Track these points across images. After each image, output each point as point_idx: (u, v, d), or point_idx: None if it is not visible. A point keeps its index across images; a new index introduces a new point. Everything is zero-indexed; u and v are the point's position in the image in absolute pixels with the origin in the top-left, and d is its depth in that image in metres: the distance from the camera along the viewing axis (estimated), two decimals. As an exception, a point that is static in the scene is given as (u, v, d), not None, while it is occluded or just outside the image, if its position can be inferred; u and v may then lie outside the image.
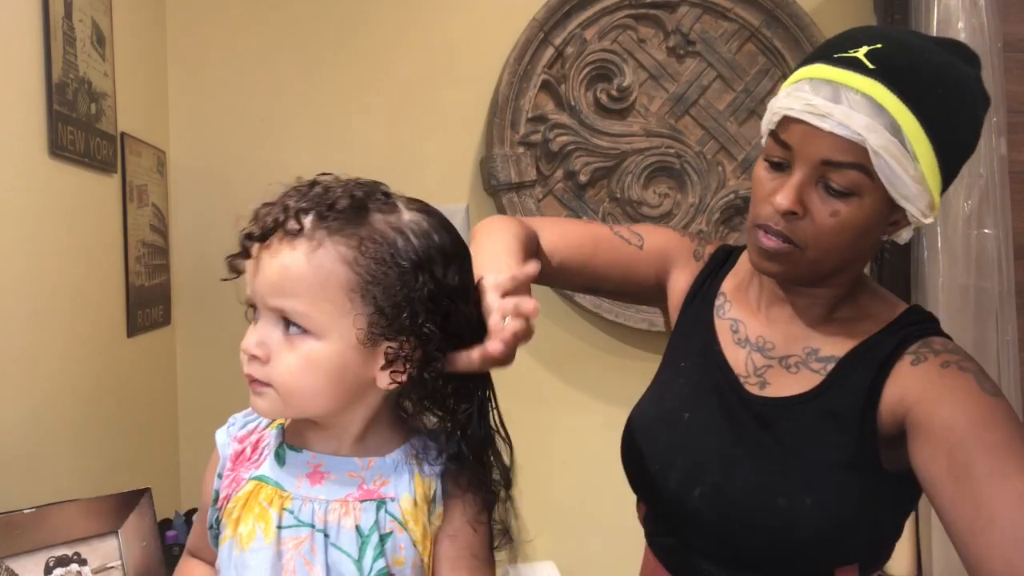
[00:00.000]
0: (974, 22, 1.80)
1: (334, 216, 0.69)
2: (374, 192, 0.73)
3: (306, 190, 0.73)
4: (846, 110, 0.79)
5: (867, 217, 0.82)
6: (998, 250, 1.81)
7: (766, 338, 0.93)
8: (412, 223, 0.72)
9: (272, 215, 0.70)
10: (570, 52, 1.89)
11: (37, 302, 1.22)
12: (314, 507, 0.73)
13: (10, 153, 1.16)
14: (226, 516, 0.75)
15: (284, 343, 0.70)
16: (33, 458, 1.19)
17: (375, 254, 0.69)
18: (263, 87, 1.88)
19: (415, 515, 0.74)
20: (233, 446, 0.79)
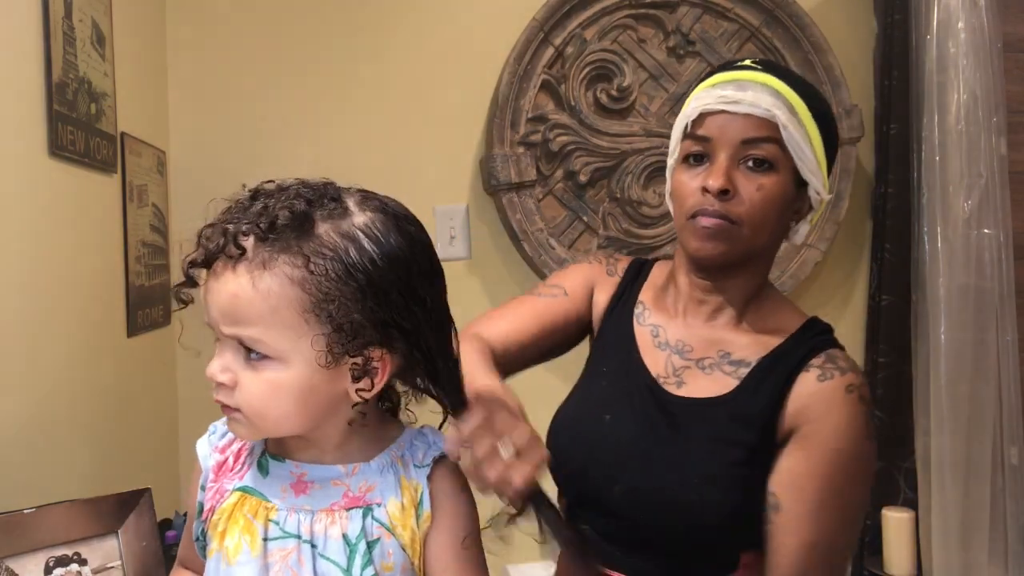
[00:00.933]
0: (974, 22, 1.80)
1: (276, 234, 0.65)
2: (320, 198, 0.69)
3: (247, 204, 0.69)
4: (753, 95, 0.93)
5: (783, 190, 0.94)
6: (998, 250, 1.81)
7: (684, 341, 1.01)
8: (364, 227, 0.68)
9: (213, 239, 0.67)
10: (570, 52, 1.89)
11: (37, 302, 1.22)
12: (300, 517, 0.72)
13: (10, 153, 1.16)
14: (211, 529, 0.74)
15: (247, 368, 0.68)
16: (33, 458, 1.19)
17: (324, 270, 0.65)
18: (263, 87, 1.88)
19: (403, 520, 0.73)
20: (215, 456, 0.78)
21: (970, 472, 1.80)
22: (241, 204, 0.69)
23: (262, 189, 0.70)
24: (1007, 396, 1.82)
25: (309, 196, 0.69)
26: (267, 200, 0.68)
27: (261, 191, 0.70)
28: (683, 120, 0.99)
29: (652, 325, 1.04)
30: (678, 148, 1.00)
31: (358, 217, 0.68)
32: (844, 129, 1.93)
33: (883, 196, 1.95)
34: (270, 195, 0.69)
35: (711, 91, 0.96)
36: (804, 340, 0.97)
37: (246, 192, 0.71)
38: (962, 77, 1.80)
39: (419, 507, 0.74)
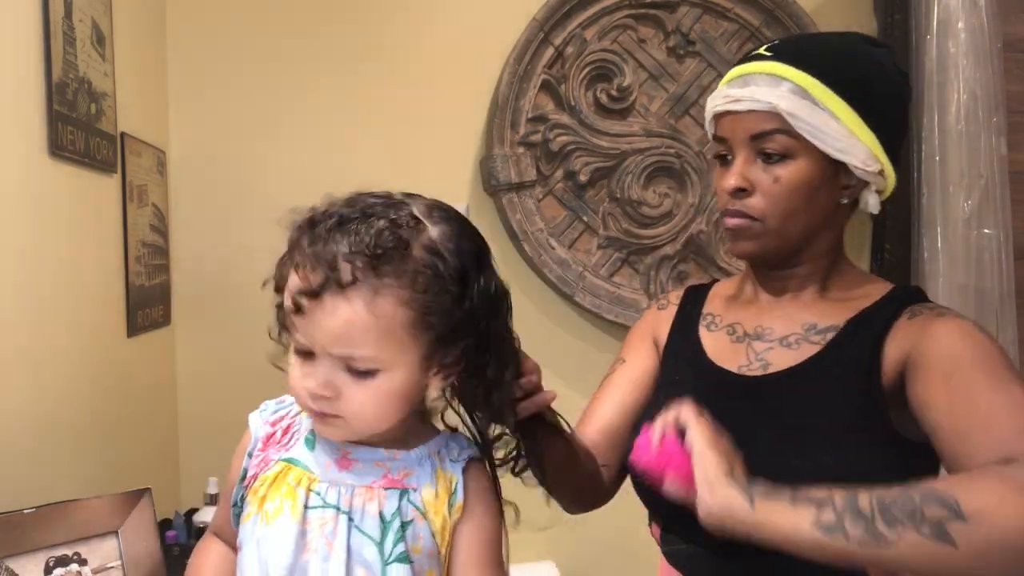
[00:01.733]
0: (974, 22, 1.80)
1: (380, 260, 0.69)
2: (401, 214, 0.72)
3: (337, 223, 0.71)
4: (753, 89, 0.92)
5: (809, 176, 0.91)
6: (998, 250, 1.81)
7: (764, 325, 0.97)
8: (442, 238, 0.72)
9: (317, 268, 0.69)
10: (570, 52, 1.89)
11: (37, 302, 1.22)
12: (340, 490, 0.75)
13: (10, 153, 1.16)
14: (251, 494, 0.78)
15: (351, 381, 0.72)
16: (33, 458, 1.19)
17: (426, 286, 0.70)
18: (263, 87, 1.88)
19: (435, 506, 0.77)
20: (265, 428, 0.81)
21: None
22: (329, 219, 0.71)
23: (334, 210, 0.72)
24: (1007, 396, 1.81)
25: (390, 216, 0.72)
26: (353, 223, 0.70)
27: (334, 212, 0.72)
28: (707, 123, 1.00)
29: (728, 325, 1.01)
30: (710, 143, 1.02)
31: (433, 230, 0.73)
32: (844, 129, 1.93)
33: (883, 196, 1.95)
34: (349, 218, 0.71)
35: (721, 90, 0.96)
36: (896, 298, 0.93)
37: (308, 213, 0.73)
38: (962, 77, 1.80)
39: (452, 496, 0.78)
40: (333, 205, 0.74)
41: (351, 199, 0.74)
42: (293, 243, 0.73)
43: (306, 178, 1.89)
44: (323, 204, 0.74)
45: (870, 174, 0.93)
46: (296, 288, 0.70)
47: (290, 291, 0.71)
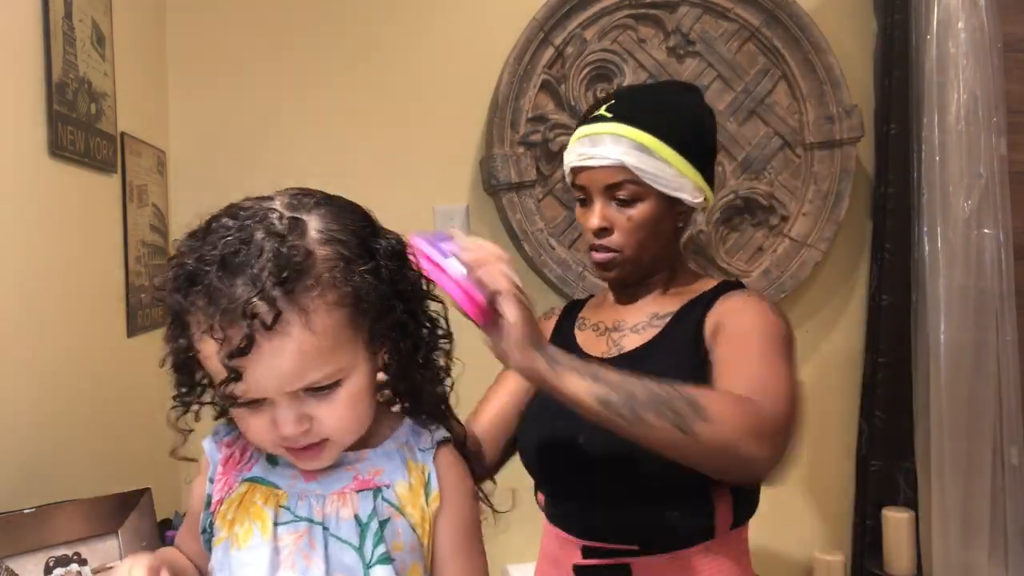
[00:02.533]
0: (974, 22, 1.80)
1: (294, 277, 0.65)
2: (275, 221, 0.68)
3: (221, 264, 0.65)
4: (602, 148, 1.12)
5: (654, 213, 1.13)
6: (998, 250, 1.81)
7: (619, 319, 1.19)
8: (327, 222, 0.70)
9: (232, 322, 0.64)
10: (570, 52, 1.89)
11: (37, 302, 1.22)
12: (311, 502, 0.74)
13: (10, 153, 1.16)
14: (219, 519, 0.75)
15: (319, 403, 0.70)
16: (33, 458, 1.19)
17: (344, 277, 0.68)
18: (263, 87, 1.88)
19: (412, 499, 0.75)
20: (223, 451, 0.79)
21: (970, 472, 1.80)
22: (211, 277, 0.65)
23: (205, 253, 0.66)
24: (1007, 396, 1.82)
25: (268, 229, 0.67)
26: (238, 256, 0.65)
27: (207, 256, 0.66)
28: (564, 172, 1.21)
29: (594, 324, 1.22)
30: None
31: (313, 219, 0.70)
32: (844, 129, 1.93)
33: (883, 196, 1.95)
34: (230, 254, 0.65)
35: (574, 148, 1.16)
36: (719, 288, 1.16)
37: (173, 269, 0.67)
38: (962, 77, 1.80)
39: (427, 487, 0.76)
40: (194, 248, 0.67)
41: (207, 232, 0.69)
42: (180, 308, 0.67)
43: (306, 178, 1.89)
44: (180, 253, 0.68)
45: (699, 202, 1.15)
46: (221, 354, 0.65)
47: (212, 359, 0.66)
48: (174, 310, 0.68)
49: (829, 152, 1.95)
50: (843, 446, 2.05)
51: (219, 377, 0.67)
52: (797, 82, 1.94)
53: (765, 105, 1.96)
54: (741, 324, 1.08)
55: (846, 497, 2.04)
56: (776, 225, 1.98)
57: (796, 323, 2.04)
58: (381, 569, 0.72)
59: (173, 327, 0.70)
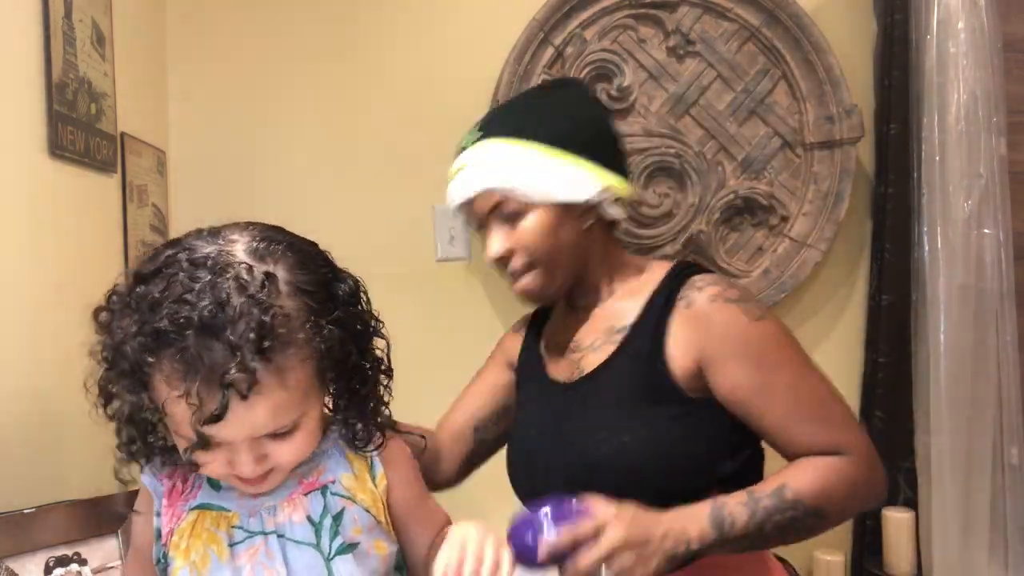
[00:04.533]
0: (974, 22, 1.79)
1: (273, 345, 0.65)
2: (246, 277, 0.66)
3: (198, 324, 0.63)
4: (467, 176, 1.09)
5: (547, 221, 1.07)
6: (998, 250, 1.80)
7: (576, 338, 1.14)
8: (293, 273, 0.69)
9: (212, 390, 0.63)
10: (570, 52, 1.89)
11: (37, 302, 1.22)
12: (262, 515, 0.75)
13: (10, 153, 1.16)
14: (173, 549, 0.76)
15: (278, 442, 0.70)
16: (33, 458, 1.18)
17: (313, 331, 0.68)
18: (263, 87, 1.88)
19: (359, 486, 0.78)
20: (164, 483, 0.79)
21: (970, 472, 1.80)
22: (184, 337, 0.63)
23: (174, 311, 0.63)
24: (1007, 396, 1.81)
25: (241, 286, 0.65)
26: (211, 319, 0.63)
27: (176, 314, 0.63)
28: (450, 200, 1.17)
29: (556, 343, 1.18)
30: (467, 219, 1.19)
31: (280, 270, 0.69)
32: (844, 129, 1.93)
33: (883, 196, 1.95)
34: (203, 316, 0.63)
35: (450, 185, 1.15)
36: (668, 283, 1.08)
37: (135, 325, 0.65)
38: (962, 77, 1.80)
39: (372, 470, 0.79)
40: (149, 297, 0.65)
41: (159, 275, 0.66)
42: (144, 365, 0.64)
43: (306, 178, 1.89)
44: (132, 299, 0.65)
45: (599, 194, 1.07)
46: (192, 419, 0.64)
47: (181, 423, 0.65)
48: (136, 365, 0.66)
49: (829, 152, 1.95)
50: (843, 446, 2.04)
51: (183, 434, 0.66)
52: (797, 82, 1.94)
53: (765, 105, 1.96)
54: (743, 355, 0.99)
55: (846, 497, 2.03)
56: (776, 225, 1.98)
57: (796, 323, 2.06)
58: (341, 560, 0.74)
59: (131, 381, 0.67)
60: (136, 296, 0.67)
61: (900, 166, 1.92)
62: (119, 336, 0.67)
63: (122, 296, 0.69)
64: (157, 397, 0.67)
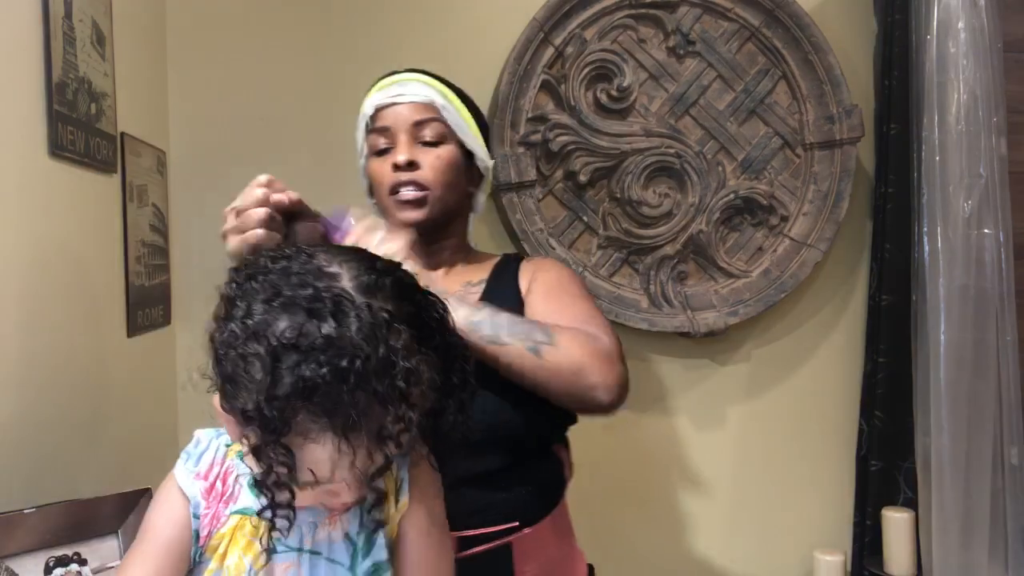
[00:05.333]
0: (974, 22, 1.79)
1: (415, 387, 0.64)
2: (372, 311, 0.64)
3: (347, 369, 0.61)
4: (413, 87, 1.24)
5: (457, 158, 1.23)
6: (998, 250, 1.81)
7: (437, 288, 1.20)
8: (397, 304, 0.67)
9: (374, 444, 0.63)
10: (570, 52, 1.89)
11: (37, 302, 1.22)
12: (302, 531, 0.73)
13: (10, 153, 1.16)
14: (210, 552, 0.75)
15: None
16: (33, 458, 1.19)
17: (425, 361, 0.67)
18: (263, 87, 1.88)
19: (385, 508, 0.77)
20: (199, 484, 0.77)
21: (970, 472, 1.80)
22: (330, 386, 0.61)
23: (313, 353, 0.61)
24: (1007, 396, 1.81)
25: (372, 331, 0.62)
26: (354, 365, 0.61)
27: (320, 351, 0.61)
28: (362, 120, 1.28)
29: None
30: (365, 146, 1.28)
31: (391, 304, 0.67)
32: (844, 129, 1.93)
33: (883, 196, 1.95)
34: (349, 361, 0.61)
35: (379, 93, 1.25)
36: (509, 257, 1.32)
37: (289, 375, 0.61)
38: (962, 77, 1.80)
39: (398, 493, 0.77)
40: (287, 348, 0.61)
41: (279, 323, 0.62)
42: (291, 423, 0.61)
43: (306, 178, 1.89)
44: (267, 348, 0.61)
45: (486, 169, 1.29)
46: (352, 477, 0.64)
47: (344, 479, 0.64)
48: (276, 429, 0.62)
49: (829, 152, 1.95)
50: (843, 446, 2.05)
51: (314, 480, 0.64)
52: (797, 82, 1.94)
53: (765, 105, 1.96)
54: (549, 277, 1.21)
55: (846, 497, 2.04)
56: (776, 225, 1.98)
57: (796, 323, 2.06)
58: None
59: (277, 446, 0.63)
60: (251, 335, 0.63)
61: (900, 166, 1.92)
62: (245, 381, 0.63)
63: (236, 335, 0.64)
64: (297, 447, 0.64)
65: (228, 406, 0.66)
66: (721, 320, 1.91)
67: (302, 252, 0.69)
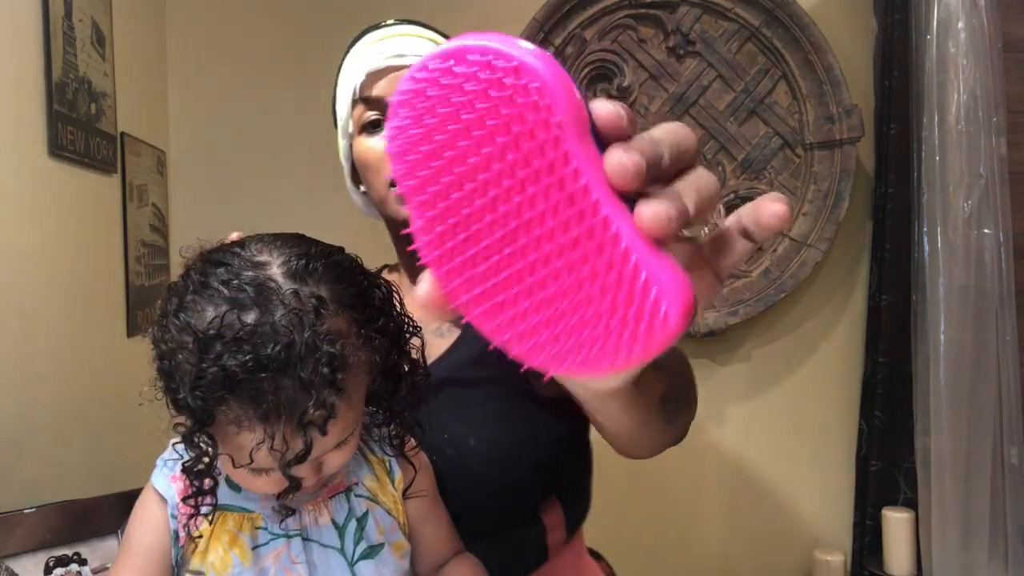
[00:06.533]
0: (974, 22, 1.79)
1: (342, 374, 0.63)
2: (294, 303, 0.63)
3: (270, 357, 0.60)
4: (414, 45, 0.91)
5: None
6: (998, 250, 1.81)
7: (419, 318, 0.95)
8: (336, 289, 0.66)
9: (296, 436, 0.62)
10: (570, 52, 1.89)
11: (37, 302, 1.22)
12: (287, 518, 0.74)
13: (10, 153, 1.16)
14: (189, 551, 0.75)
15: (332, 452, 0.69)
16: (33, 458, 1.18)
17: (365, 348, 0.67)
18: (263, 87, 1.88)
19: (381, 488, 0.77)
20: (176, 484, 0.76)
21: (970, 472, 1.80)
22: (251, 381, 0.61)
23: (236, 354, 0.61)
24: (1007, 396, 1.81)
25: (296, 316, 0.62)
26: (273, 354, 0.61)
27: (240, 355, 0.61)
28: (347, 88, 0.94)
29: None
30: (350, 121, 0.96)
31: (324, 289, 0.66)
32: (844, 129, 1.93)
33: (883, 196, 1.95)
34: (269, 353, 0.61)
35: (369, 50, 0.92)
36: None
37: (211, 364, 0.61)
38: (962, 77, 1.80)
39: (391, 473, 0.78)
40: (207, 342, 0.62)
41: (204, 312, 0.63)
42: (210, 417, 0.62)
43: (306, 178, 1.89)
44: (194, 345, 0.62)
45: None
46: (279, 462, 0.63)
47: (262, 465, 0.64)
48: (201, 420, 0.63)
49: (829, 152, 1.95)
50: (843, 446, 2.05)
51: (248, 468, 0.65)
52: (797, 82, 1.94)
53: (765, 105, 1.96)
54: None
55: (846, 497, 2.03)
56: (776, 225, 1.98)
57: (796, 323, 2.05)
58: (364, 564, 0.74)
59: (198, 434, 0.65)
60: (181, 328, 0.64)
61: (900, 166, 1.92)
62: (177, 373, 0.64)
63: (168, 330, 0.66)
64: (221, 436, 0.65)
65: (168, 402, 0.67)
66: (721, 320, 1.92)
67: (236, 244, 0.70)
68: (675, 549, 2.02)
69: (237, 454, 0.65)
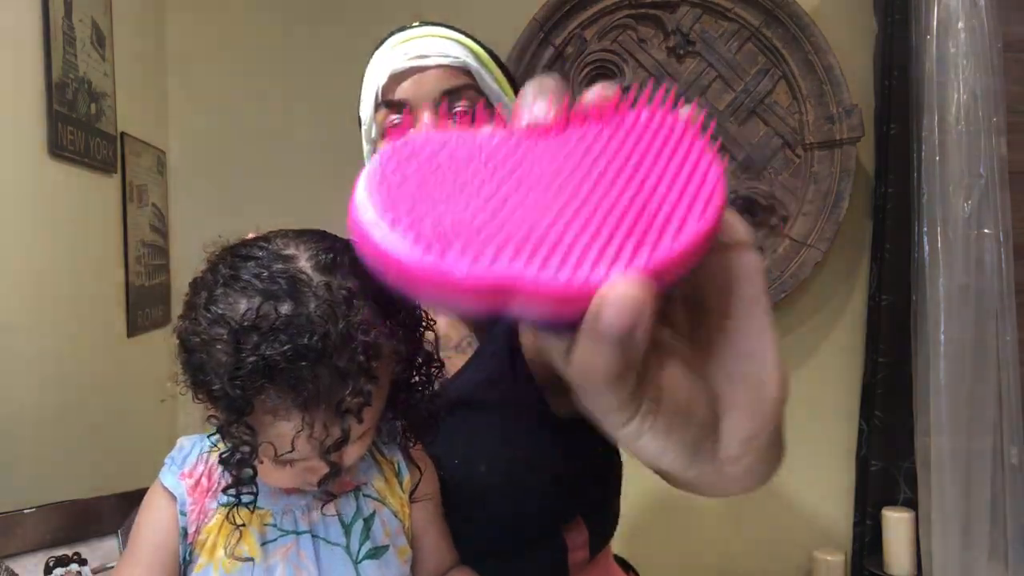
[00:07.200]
0: (974, 22, 1.80)
1: (376, 363, 0.64)
2: (330, 289, 0.64)
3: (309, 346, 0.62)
4: (440, 45, 0.89)
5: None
6: (998, 250, 1.81)
7: (444, 332, 0.91)
8: (358, 281, 0.66)
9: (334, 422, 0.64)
10: (570, 52, 1.89)
11: (37, 302, 1.22)
12: (295, 514, 0.74)
13: (10, 153, 1.16)
14: (199, 547, 0.74)
15: (350, 445, 0.69)
16: (33, 458, 1.18)
17: (387, 335, 0.67)
18: (263, 87, 1.88)
19: (390, 490, 0.78)
20: (185, 482, 0.76)
21: (970, 472, 1.80)
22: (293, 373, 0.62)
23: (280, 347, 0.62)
24: (1007, 396, 1.81)
25: (330, 308, 0.63)
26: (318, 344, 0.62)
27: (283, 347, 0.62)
28: (371, 90, 0.92)
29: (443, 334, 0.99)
30: (373, 125, 0.93)
31: (350, 281, 0.66)
32: (844, 129, 1.93)
33: (883, 196, 1.95)
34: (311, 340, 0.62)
35: (393, 54, 0.90)
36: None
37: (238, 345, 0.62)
38: (962, 77, 1.80)
39: (399, 475, 0.79)
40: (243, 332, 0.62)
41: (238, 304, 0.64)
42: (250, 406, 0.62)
43: (306, 178, 1.89)
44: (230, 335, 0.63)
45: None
46: (310, 451, 0.64)
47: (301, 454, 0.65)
48: (240, 409, 0.63)
49: (829, 152, 1.95)
50: (843, 446, 2.05)
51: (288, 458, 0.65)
52: (797, 82, 1.94)
53: (765, 105, 1.96)
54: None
55: (846, 497, 2.04)
56: (776, 225, 1.98)
57: (796, 323, 2.05)
58: (369, 564, 0.74)
59: (237, 425, 0.64)
60: (213, 321, 0.64)
61: (900, 166, 1.92)
62: (209, 365, 0.65)
63: (199, 322, 0.66)
64: (258, 426, 0.65)
65: (197, 396, 0.67)
66: (721, 320, 1.92)
67: (259, 238, 0.71)
68: (675, 548, 2.02)
69: (278, 442, 0.65)
